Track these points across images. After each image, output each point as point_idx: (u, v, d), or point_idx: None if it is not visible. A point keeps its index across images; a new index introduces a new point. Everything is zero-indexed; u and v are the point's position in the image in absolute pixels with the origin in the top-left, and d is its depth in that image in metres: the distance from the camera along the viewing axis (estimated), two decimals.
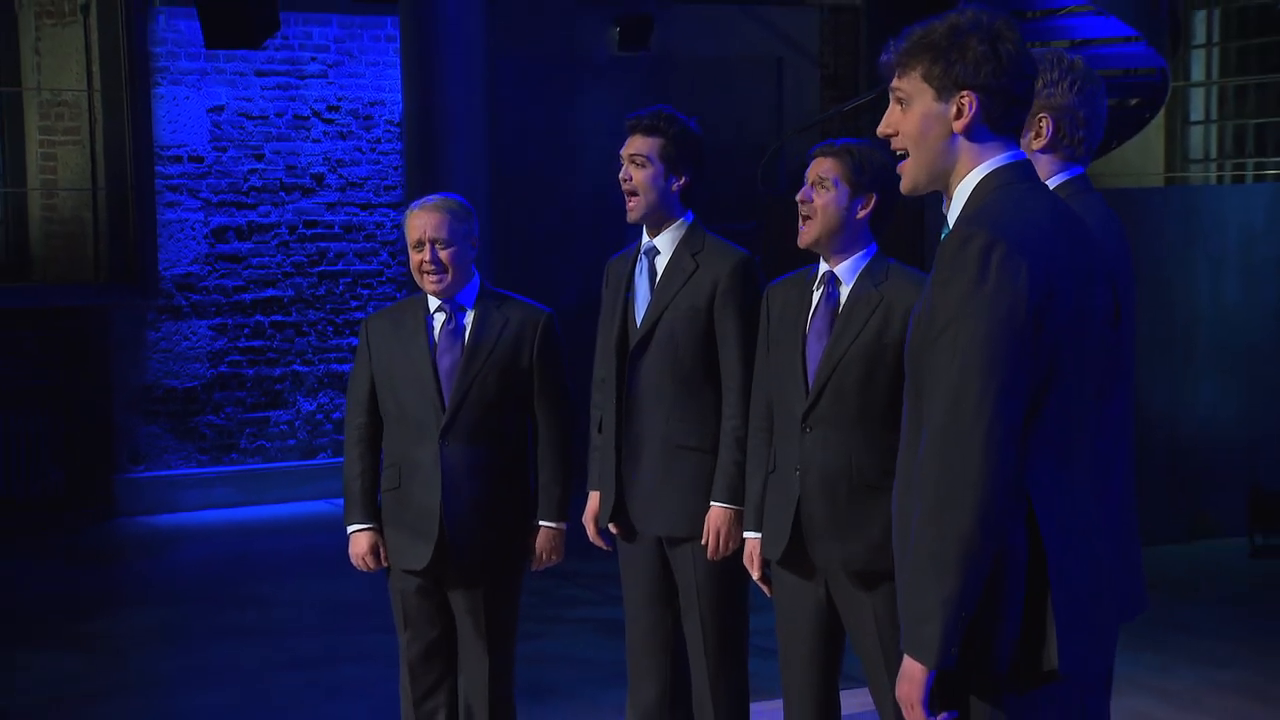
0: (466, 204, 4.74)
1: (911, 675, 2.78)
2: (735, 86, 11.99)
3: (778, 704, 4.73)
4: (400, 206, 11.12)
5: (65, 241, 10.83)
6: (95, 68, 10.58)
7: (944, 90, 2.86)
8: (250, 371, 10.93)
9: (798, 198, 4.20)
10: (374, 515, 4.77)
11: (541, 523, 4.76)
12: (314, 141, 11.00)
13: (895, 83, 2.93)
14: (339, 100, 11.05)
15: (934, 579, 2.71)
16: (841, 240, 4.17)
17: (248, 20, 8.95)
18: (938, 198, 2.99)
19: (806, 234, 4.19)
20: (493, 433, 4.67)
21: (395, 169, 11.20)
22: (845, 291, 4.18)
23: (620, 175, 4.63)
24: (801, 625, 4.25)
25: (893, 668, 4.12)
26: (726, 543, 4.48)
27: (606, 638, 7.32)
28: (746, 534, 4.37)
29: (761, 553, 4.31)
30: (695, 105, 11.55)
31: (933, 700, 2.78)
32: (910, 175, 2.95)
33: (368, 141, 11.15)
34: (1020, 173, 2.88)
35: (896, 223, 4.32)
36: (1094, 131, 3.65)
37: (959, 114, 2.86)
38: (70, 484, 10.47)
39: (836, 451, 4.10)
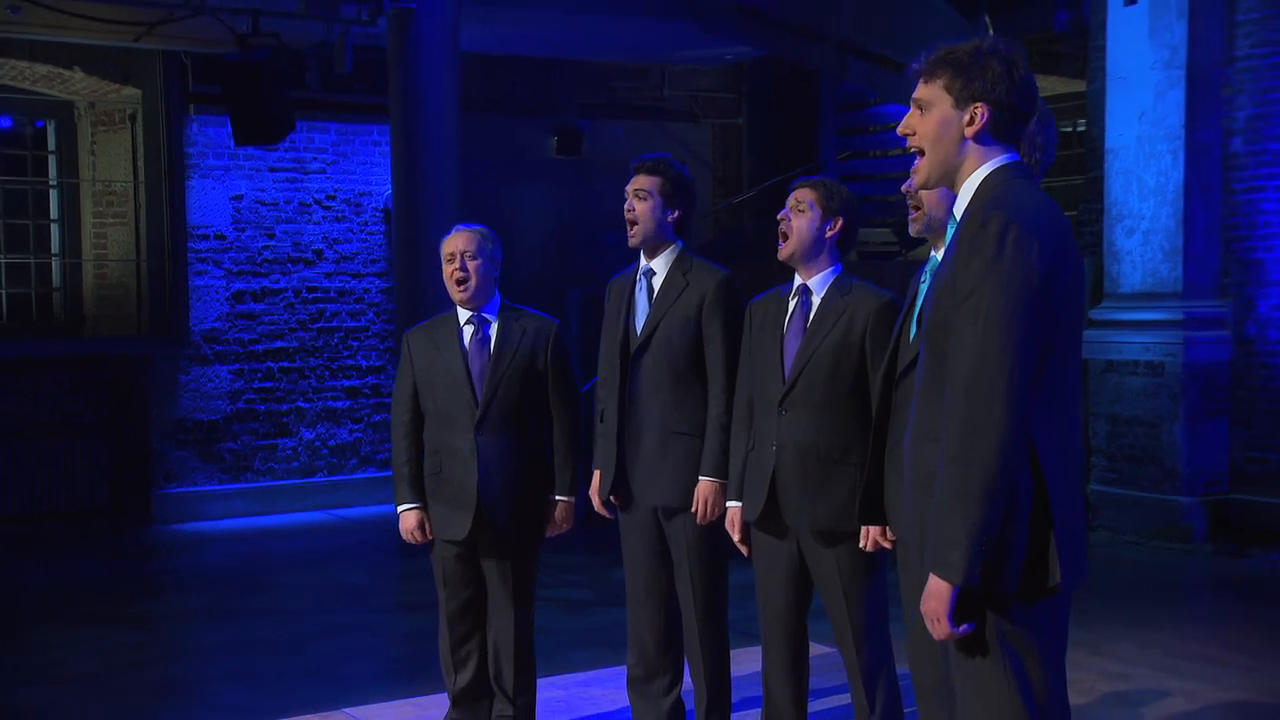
0: (492, 233, 4.54)
1: (938, 593, 2.59)
2: None
3: (752, 650, 4.56)
4: (384, 276, 10.94)
5: (113, 303, 10.51)
6: (140, 164, 10.32)
7: (961, 100, 2.70)
8: (262, 407, 10.61)
9: (778, 217, 4.06)
10: (420, 496, 4.49)
11: (557, 496, 4.55)
12: (315, 224, 10.75)
13: (918, 91, 2.76)
14: (335, 191, 10.82)
15: (960, 510, 2.53)
16: (814, 255, 4.04)
17: (270, 122, 8.70)
18: None
19: (785, 249, 4.06)
20: (516, 423, 4.46)
21: (379, 246, 10.97)
22: (816, 301, 4.05)
23: (625, 207, 4.43)
24: (777, 577, 4.10)
25: (854, 609, 3.98)
26: (713, 509, 4.29)
27: (567, 613, 7.09)
28: (729, 504, 4.20)
29: (741, 516, 4.15)
30: (616, 199, 11.52)
31: (955, 614, 2.59)
32: (923, 171, 2.79)
33: (358, 224, 10.91)
34: (1019, 171, 2.73)
35: None
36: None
37: (971, 121, 2.70)
38: (115, 498, 10.11)
39: (807, 430, 3.97)
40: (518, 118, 11.38)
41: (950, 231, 2.79)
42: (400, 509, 4.52)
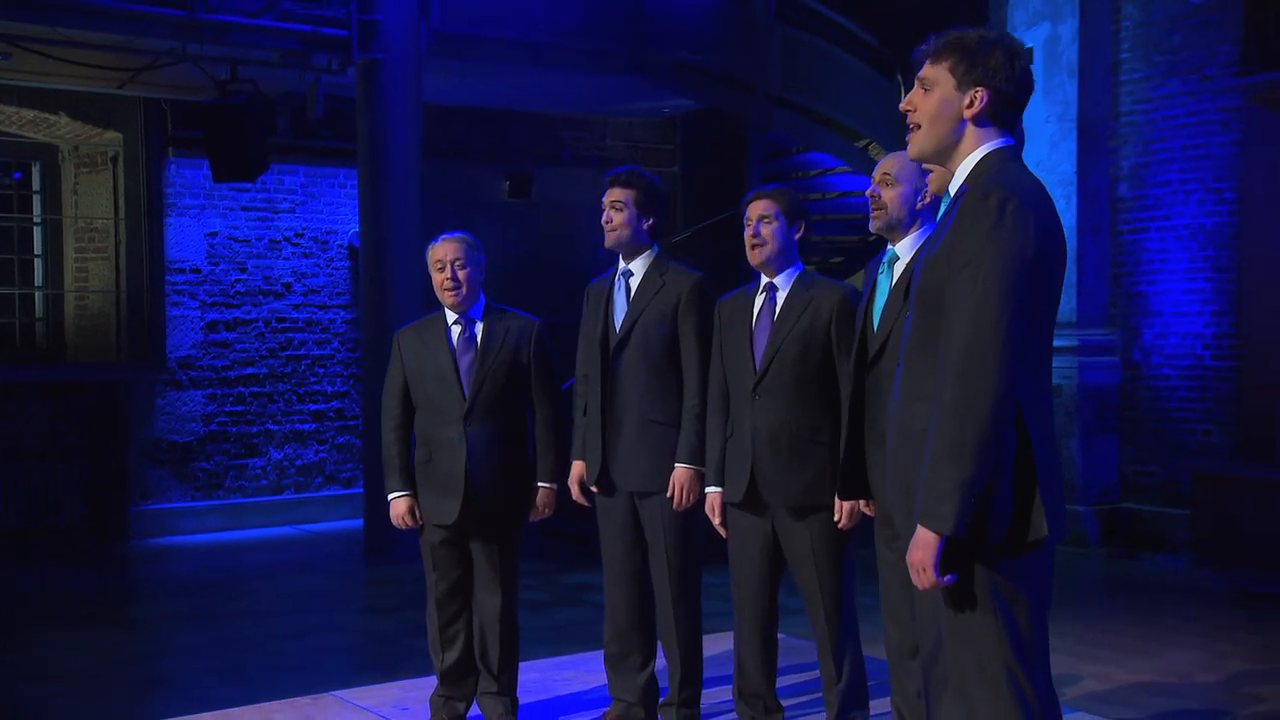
0: (476, 241, 4.47)
1: (926, 543, 2.51)
2: (590, 226, 11.88)
3: (721, 636, 4.50)
4: (349, 308, 10.82)
5: (94, 332, 10.29)
6: (121, 202, 10.13)
7: (964, 83, 2.65)
8: (233, 429, 10.43)
9: (748, 234, 4.02)
10: (410, 484, 4.38)
11: (540, 484, 4.44)
12: (284, 259, 10.62)
13: (924, 71, 2.70)
14: (303, 229, 10.69)
15: (953, 465, 2.46)
16: (783, 258, 4.03)
17: (247, 161, 8.61)
18: None
19: (760, 254, 4.01)
20: (502, 415, 4.35)
21: (344, 280, 10.85)
22: (782, 296, 4.02)
23: (603, 219, 4.37)
24: (752, 555, 4.05)
25: (826, 583, 3.95)
26: (688, 495, 4.22)
27: (529, 612, 6.98)
28: (709, 489, 4.14)
29: (724, 498, 4.08)
30: (562, 239, 11.57)
31: (941, 564, 2.52)
32: (918, 144, 2.72)
33: (324, 260, 10.79)
34: (1014, 153, 2.68)
35: None
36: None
37: (971, 104, 2.64)
38: (94, 515, 9.86)
39: (779, 412, 3.93)
40: (474, 164, 11.35)
41: (943, 207, 2.78)
42: (391, 496, 4.39)
